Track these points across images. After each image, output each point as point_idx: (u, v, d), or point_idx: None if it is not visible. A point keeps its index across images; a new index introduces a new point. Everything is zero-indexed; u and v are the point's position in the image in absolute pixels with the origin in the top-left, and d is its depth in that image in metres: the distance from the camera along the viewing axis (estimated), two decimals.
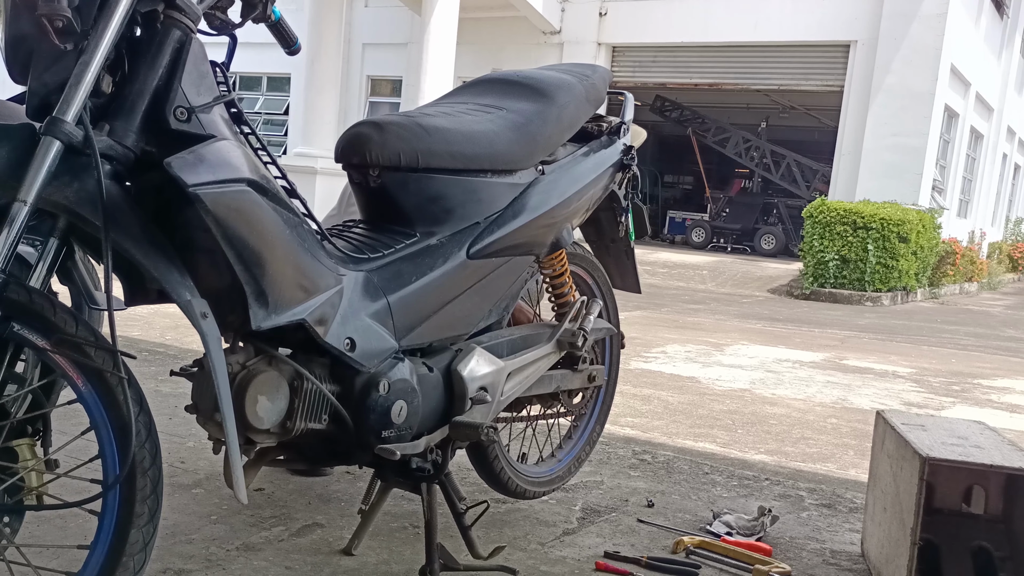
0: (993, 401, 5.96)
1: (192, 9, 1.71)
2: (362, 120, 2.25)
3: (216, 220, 1.64)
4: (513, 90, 2.55)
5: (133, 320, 5.78)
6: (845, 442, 4.38)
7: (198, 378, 1.88)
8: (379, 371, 2.06)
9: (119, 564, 1.62)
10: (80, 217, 1.58)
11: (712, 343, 7.54)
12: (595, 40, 18.82)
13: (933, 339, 9.27)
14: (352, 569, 2.35)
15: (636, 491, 3.19)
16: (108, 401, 1.61)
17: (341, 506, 2.79)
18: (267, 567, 2.32)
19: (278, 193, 1.81)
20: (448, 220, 2.26)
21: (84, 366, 1.59)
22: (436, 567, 2.30)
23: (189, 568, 2.27)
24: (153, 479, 1.65)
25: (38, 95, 1.61)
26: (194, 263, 1.71)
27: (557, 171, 2.54)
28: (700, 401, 5.11)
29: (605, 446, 3.69)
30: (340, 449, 2.13)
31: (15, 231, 1.50)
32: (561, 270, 2.72)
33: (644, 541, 2.73)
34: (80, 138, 1.54)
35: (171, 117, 1.66)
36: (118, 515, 1.63)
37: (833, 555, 2.75)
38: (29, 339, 1.55)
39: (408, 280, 2.15)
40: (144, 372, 4.21)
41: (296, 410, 1.93)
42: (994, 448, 2.38)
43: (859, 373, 6.60)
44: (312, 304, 1.89)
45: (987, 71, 19.74)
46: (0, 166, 1.52)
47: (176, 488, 2.80)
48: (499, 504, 2.88)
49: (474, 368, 2.29)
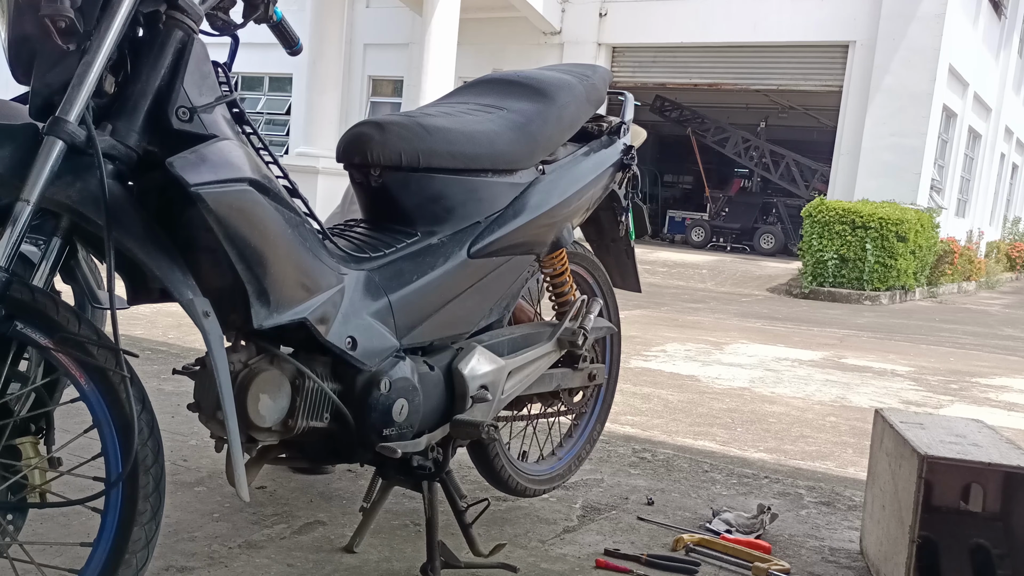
0: (991, 399, 5.96)
1: (194, 10, 1.71)
2: (364, 120, 2.25)
3: (218, 219, 1.64)
4: (514, 90, 2.55)
5: (136, 319, 5.78)
6: (844, 440, 4.38)
7: (200, 376, 1.88)
8: (380, 369, 2.05)
9: (122, 561, 1.62)
10: (83, 216, 1.58)
11: (712, 342, 7.54)
12: (595, 40, 18.82)
13: (931, 338, 9.27)
14: (354, 566, 2.35)
15: (636, 489, 3.19)
16: (111, 399, 1.61)
17: (343, 504, 2.79)
18: (269, 564, 2.32)
19: (280, 193, 1.81)
20: (449, 219, 2.26)
21: (87, 364, 1.59)
22: (437, 564, 2.30)
23: (191, 565, 2.27)
24: (155, 477, 1.65)
25: (41, 95, 1.61)
26: (196, 262, 1.71)
27: (557, 171, 2.54)
28: (700, 399, 5.10)
29: (605, 444, 3.69)
30: (342, 447, 2.13)
31: (18, 230, 1.50)
32: (562, 269, 2.72)
33: (644, 539, 2.72)
34: (83, 138, 1.54)
35: (173, 117, 1.66)
36: (121, 513, 1.63)
37: (832, 553, 2.75)
38: (32, 338, 1.55)
39: (409, 279, 2.15)
40: (147, 370, 4.21)
41: (298, 408, 1.93)
42: (992, 446, 2.38)
43: (858, 372, 6.60)
44: (314, 303, 1.89)
45: (985, 71, 19.73)
46: (3, 166, 1.52)
47: (178, 486, 2.80)
48: (500, 502, 2.88)
49: (475, 367, 2.29)
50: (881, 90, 15.96)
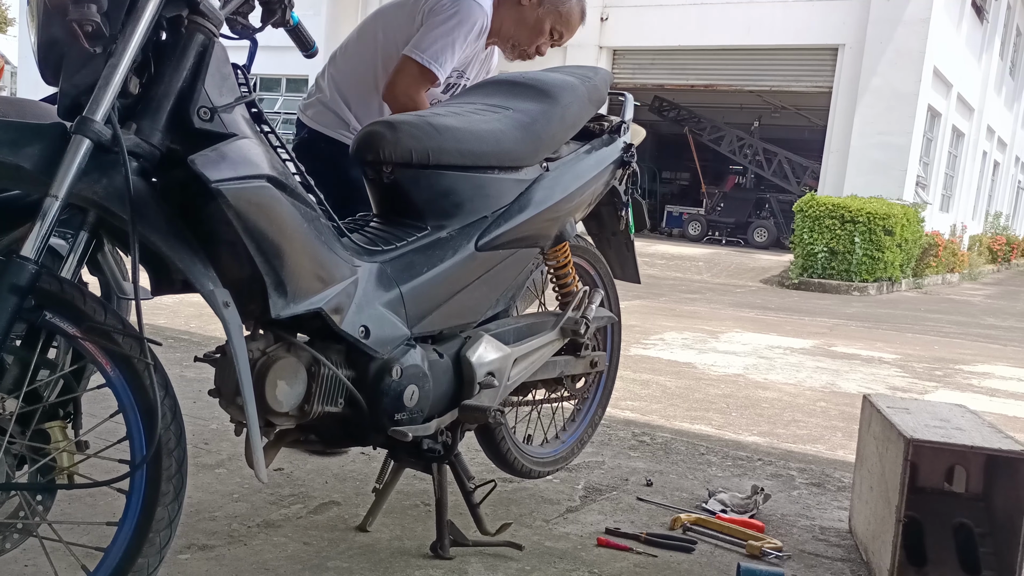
0: (974, 385, 5.95)
1: (215, 14, 1.70)
2: (376, 120, 2.25)
3: (237, 214, 1.63)
4: (519, 91, 2.54)
5: (159, 309, 5.78)
6: (834, 424, 4.37)
7: (221, 364, 1.88)
8: (392, 357, 2.05)
9: (146, 540, 1.62)
10: (109, 211, 1.58)
11: (707, 331, 7.53)
12: (597, 44, 18.78)
13: (917, 327, 9.25)
14: (367, 545, 2.35)
15: (636, 471, 3.18)
16: (135, 385, 1.61)
17: (356, 485, 2.79)
18: (286, 543, 2.32)
19: (296, 189, 1.81)
20: (457, 214, 2.26)
21: (113, 352, 1.59)
22: (446, 542, 2.30)
23: (212, 544, 2.27)
24: (178, 459, 1.66)
25: (69, 96, 1.60)
26: (217, 255, 1.71)
27: (561, 168, 2.53)
28: (696, 386, 5.10)
29: (606, 428, 3.68)
30: (355, 431, 2.13)
31: (47, 225, 1.50)
32: (565, 261, 2.72)
33: (643, 518, 2.72)
34: (109, 137, 1.53)
35: (195, 117, 1.65)
36: (145, 493, 1.63)
37: (822, 531, 2.74)
38: (61, 327, 1.55)
39: (420, 271, 2.15)
40: (169, 358, 4.21)
41: (313, 394, 1.92)
42: (975, 430, 2.37)
43: (847, 359, 6.59)
44: (328, 294, 1.89)
45: (968, 73, 19.67)
46: (33, 163, 1.51)
47: (200, 468, 2.80)
48: (506, 483, 2.88)
49: (482, 354, 2.28)
50: (869, 91, 15.94)
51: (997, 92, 23.43)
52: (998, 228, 25.94)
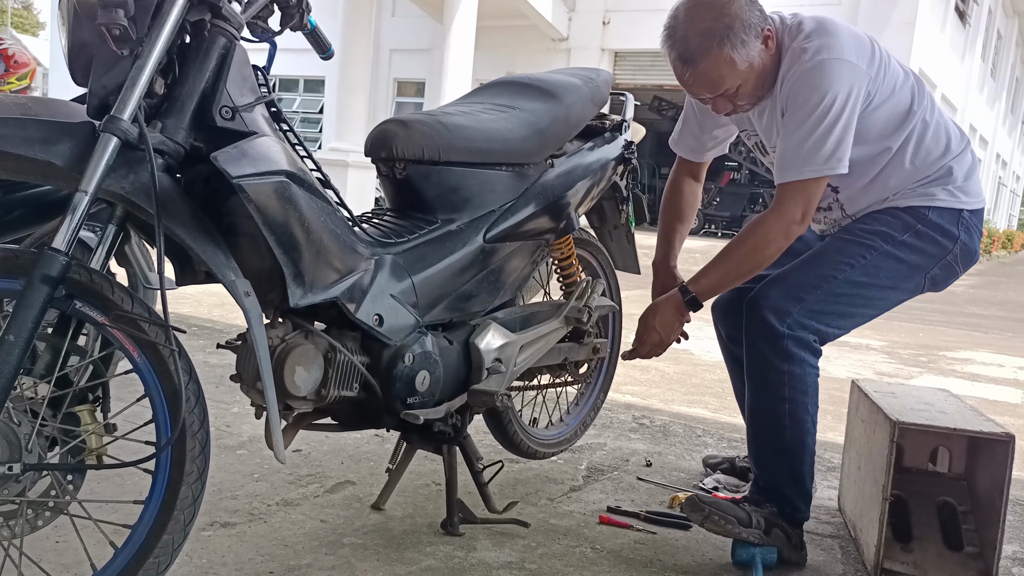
0: (956, 371, 5.93)
1: (236, 18, 1.70)
2: (389, 118, 2.24)
3: (258, 208, 1.64)
4: (526, 91, 2.53)
5: (183, 298, 5.79)
6: (823, 408, 4.33)
7: (242, 350, 1.88)
8: (404, 344, 2.05)
9: (171, 517, 1.62)
10: (135, 206, 1.57)
11: (704, 319, 7.48)
12: (599, 46, 18.76)
13: (903, 315, 9.21)
14: (380, 522, 2.35)
15: (636, 452, 3.18)
16: (161, 371, 1.61)
17: (370, 465, 2.79)
18: (304, 520, 2.32)
19: (313, 184, 1.81)
20: (466, 208, 2.25)
21: (139, 339, 1.59)
22: (456, 520, 2.30)
23: (234, 521, 2.27)
24: (201, 441, 1.66)
25: (98, 96, 1.60)
26: (238, 247, 1.71)
27: (565, 164, 2.52)
28: (693, 371, 5.09)
29: (608, 412, 3.68)
30: (370, 414, 2.13)
31: (77, 218, 1.49)
32: (568, 253, 2.71)
33: (643, 497, 2.72)
34: (135, 135, 1.53)
35: (217, 116, 1.65)
36: (170, 473, 1.63)
37: (813, 510, 2.72)
38: (90, 315, 1.55)
39: (431, 262, 2.14)
40: (193, 345, 4.21)
41: (330, 379, 1.92)
42: (957, 413, 2.36)
43: (835, 346, 6.56)
44: (344, 284, 1.89)
45: (951, 74, 19.61)
46: (64, 160, 1.51)
47: (222, 449, 2.80)
48: (513, 464, 2.88)
49: (490, 341, 2.28)
50: None
51: (979, 91, 23.39)
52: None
